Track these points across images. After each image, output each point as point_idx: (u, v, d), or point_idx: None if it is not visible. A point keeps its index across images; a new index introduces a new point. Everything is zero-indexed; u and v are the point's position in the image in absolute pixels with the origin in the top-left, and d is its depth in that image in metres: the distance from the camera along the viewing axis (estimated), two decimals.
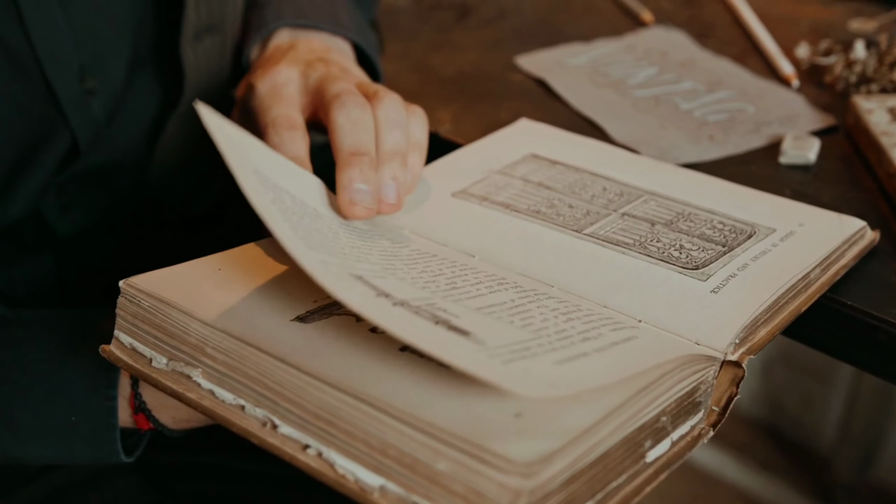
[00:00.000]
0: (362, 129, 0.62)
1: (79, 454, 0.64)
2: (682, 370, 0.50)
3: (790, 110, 0.85)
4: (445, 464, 0.43)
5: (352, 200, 0.60)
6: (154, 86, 0.83)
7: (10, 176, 0.73)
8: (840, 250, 0.63)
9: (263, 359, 0.50)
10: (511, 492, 0.42)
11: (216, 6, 0.82)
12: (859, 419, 1.70)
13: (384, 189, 0.62)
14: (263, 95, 0.67)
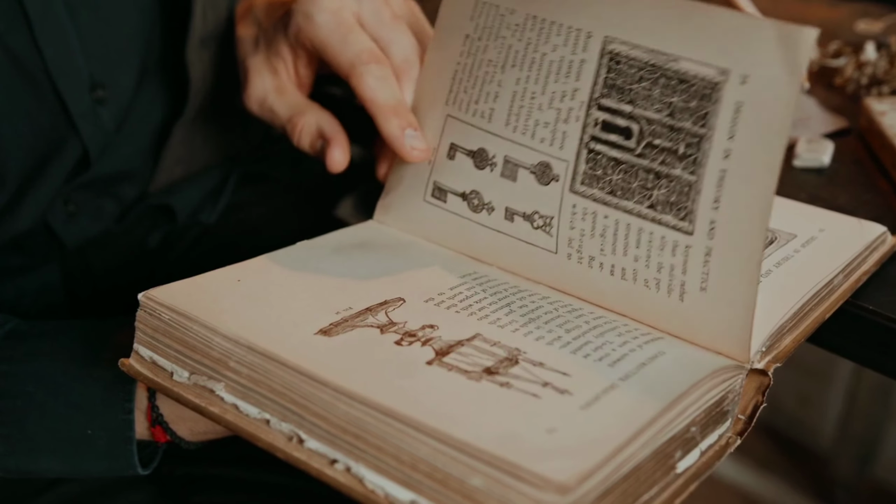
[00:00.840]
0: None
1: (94, 467, 0.63)
2: (710, 380, 0.50)
3: (801, 113, 0.85)
4: (479, 479, 0.43)
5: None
6: (160, 94, 0.83)
7: (21, 187, 0.73)
8: (862, 256, 0.63)
9: (289, 373, 0.49)
10: None
11: (223, 12, 0.81)
12: (858, 418, 1.70)
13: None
14: (326, 26, 0.65)
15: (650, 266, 0.56)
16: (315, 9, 0.65)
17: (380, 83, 0.62)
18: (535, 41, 0.60)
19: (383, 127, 0.62)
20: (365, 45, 0.63)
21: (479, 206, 0.63)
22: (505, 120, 0.62)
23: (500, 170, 0.62)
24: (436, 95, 0.65)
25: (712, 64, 0.52)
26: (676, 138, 0.54)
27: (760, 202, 0.51)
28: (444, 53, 0.66)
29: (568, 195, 0.59)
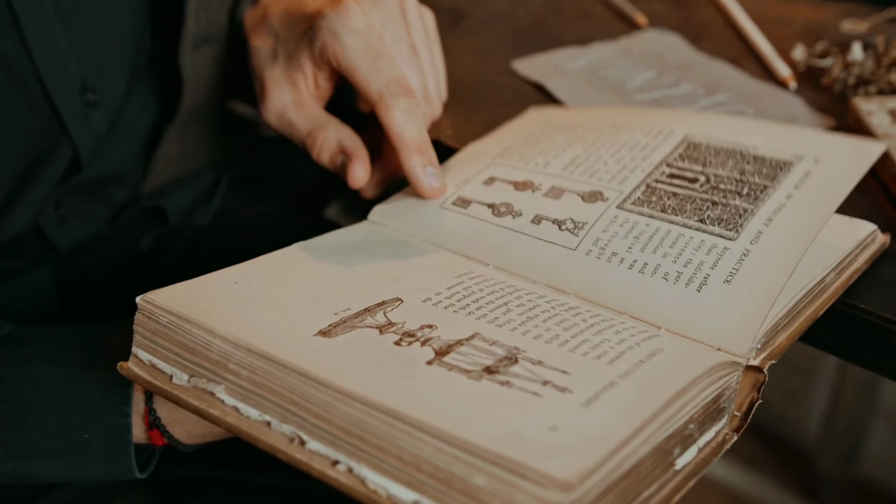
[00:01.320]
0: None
1: (92, 471, 0.63)
2: (708, 376, 0.51)
3: (790, 112, 0.85)
4: (483, 479, 0.43)
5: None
6: (152, 96, 0.83)
7: (13, 190, 0.73)
8: (853, 254, 0.63)
9: (290, 374, 0.49)
10: None
11: (216, 15, 0.81)
12: (843, 414, 1.71)
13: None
14: (355, 49, 0.66)
15: (677, 262, 0.58)
16: (343, 28, 0.65)
17: (407, 118, 0.64)
18: (612, 137, 0.70)
19: (406, 162, 0.64)
20: (394, 75, 0.65)
21: (506, 213, 0.65)
22: (562, 167, 0.68)
23: (543, 192, 0.66)
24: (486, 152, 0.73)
25: (789, 152, 0.65)
26: (741, 185, 0.63)
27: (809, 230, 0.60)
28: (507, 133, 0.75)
29: (612, 210, 0.63)
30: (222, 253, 0.87)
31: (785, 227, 0.60)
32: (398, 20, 0.68)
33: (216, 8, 0.81)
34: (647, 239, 0.61)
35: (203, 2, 0.79)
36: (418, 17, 0.71)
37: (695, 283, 0.58)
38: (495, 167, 0.70)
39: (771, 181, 0.63)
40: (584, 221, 0.63)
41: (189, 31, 0.79)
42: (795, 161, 0.65)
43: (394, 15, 0.68)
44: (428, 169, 0.65)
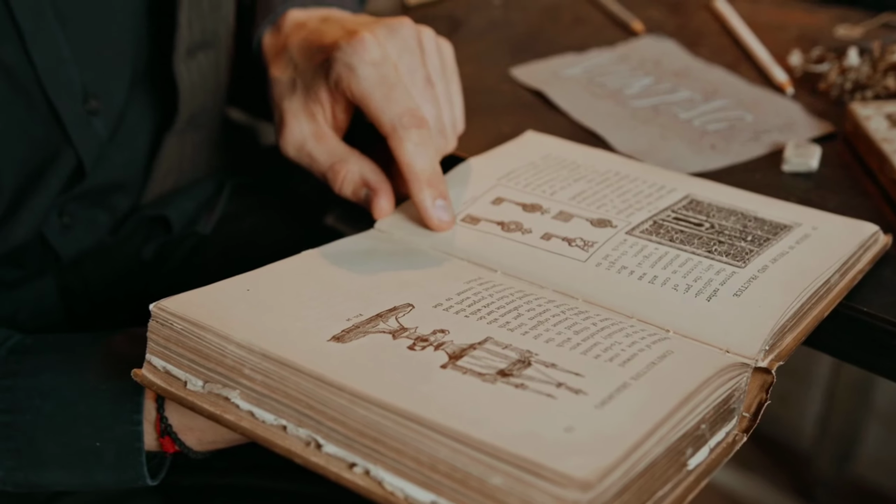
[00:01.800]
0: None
1: (103, 480, 0.63)
2: (718, 377, 0.51)
3: (788, 118, 0.86)
4: (500, 478, 0.44)
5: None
6: (151, 104, 0.83)
7: (16, 199, 0.73)
8: (856, 255, 0.64)
9: (305, 378, 0.50)
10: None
11: (209, 23, 0.82)
12: (837, 416, 1.72)
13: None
14: (370, 80, 0.66)
15: (687, 277, 0.60)
16: (357, 61, 0.66)
17: (418, 150, 0.65)
18: (615, 182, 0.71)
19: (416, 195, 0.65)
20: (407, 106, 0.65)
21: (515, 230, 0.65)
22: (570, 197, 0.69)
23: (552, 215, 0.68)
24: (490, 173, 0.73)
25: (788, 219, 0.67)
26: (745, 234, 0.65)
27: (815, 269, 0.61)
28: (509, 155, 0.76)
29: (621, 234, 0.65)
30: (225, 261, 0.87)
31: (791, 264, 0.62)
32: (414, 51, 0.69)
33: (209, 15, 0.82)
34: (656, 259, 0.62)
35: (196, 9, 0.80)
36: (435, 49, 0.71)
37: (704, 295, 0.58)
38: (502, 188, 0.71)
39: (773, 236, 0.65)
40: (595, 241, 0.64)
41: (182, 38, 0.79)
42: (794, 226, 0.67)
43: (409, 46, 0.68)
44: (437, 202, 0.66)
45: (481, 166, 0.74)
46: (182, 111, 0.81)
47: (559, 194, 0.70)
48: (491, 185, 0.71)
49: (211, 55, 0.83)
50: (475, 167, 0.74)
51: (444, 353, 0.52)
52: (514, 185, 0.71)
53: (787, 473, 1.77)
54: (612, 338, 0.54)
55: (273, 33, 0.77)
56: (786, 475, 1.77)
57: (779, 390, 1.88)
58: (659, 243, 0.63)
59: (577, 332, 0.54)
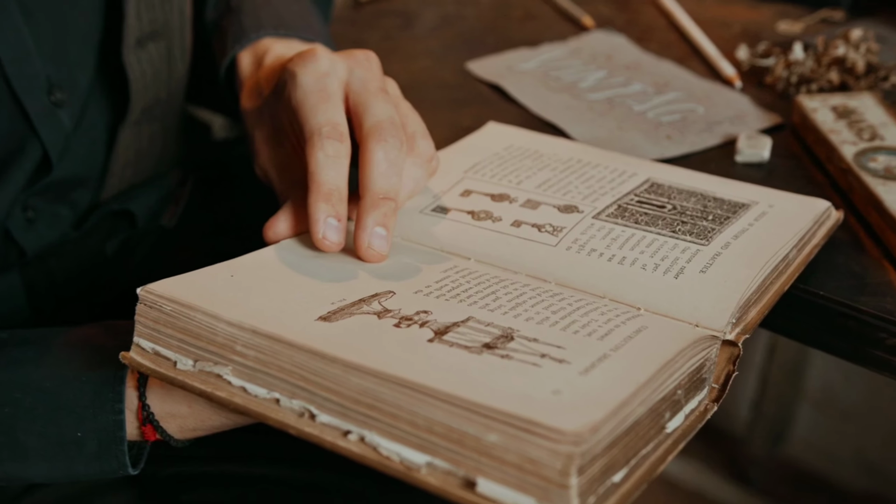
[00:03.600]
0: (396, 173, 0.62)
1: (84, 470, 0.63)
2: (692, 348, 0.54)
3: (737, 110, 0.89)
4: (496, 435, 0.45)
5: (370, 245, 0.61)
6: (109, 96, 0.83)
7: None
8: (812, 230, 0.67)
9: (297, 351, 0.51)
10: (564, 456, 0.44)
11: (159, 13, 0.82)
12: (770, 400, 1.77)
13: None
14: (307, 89, 0.64)
15: (654, 257, 0.62)
16: (301, 69, 0.64)
17: (328, 161, 0.61)
18: (579, 170, 0.73)
19: (311, 205, 0.61)
20: (332, 118, 0.62)
21: (486, 218, 0.67)
22: (536, 186, 0.71)
23: (520, 203, 0.69)
24: (455, 166, 0.74)
25: (745, 198, 0.70)
26: (706, 214, 0.67)
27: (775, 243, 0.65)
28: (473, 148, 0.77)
29: (588, 219, 0.67)
30: (191, 254, 0.88)
31: (752, 240, 0.65)
32: (370, 69, 0.66)
33: (159, 6, 0.82)
34: (623, 240, 0.64)
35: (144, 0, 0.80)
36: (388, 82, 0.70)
37: (672, 273, 0.61)
38: (469, 181, 0.73)
39: (732, 214, 0.68)
40: (563, 226, 0.66)
41: (131, 28, 0.79)
42: (752, 204, 0.69)
43: (365, 65, 0.66)
44: (329, 220, 0.61)
45: (447, 160, 0.76)
46: (134, 102, 0.81)
47: (525, 183, 0.72)
48: (458, 179, 0.73)
49: (162, 46, 0.83)
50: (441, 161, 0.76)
51: (429, 329, 0.53)
52: (481, 177, 0.73)
53: (722, 456, 1.82)
54: (588, 316, 0.56)
55: (249, 61, 0.78)
56: (720, 458, 1.81)
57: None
58: (625, 226, 0.66)
59: (555, 312, 0.57)
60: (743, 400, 1.81)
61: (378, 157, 0.61)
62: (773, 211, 0.69)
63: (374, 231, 0.61)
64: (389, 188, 0.62)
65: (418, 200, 0.70)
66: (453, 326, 0.54)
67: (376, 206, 0.61)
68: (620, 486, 0.48)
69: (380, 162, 0.61)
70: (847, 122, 0.81)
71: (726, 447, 1.83)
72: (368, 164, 0.61)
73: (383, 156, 0.61)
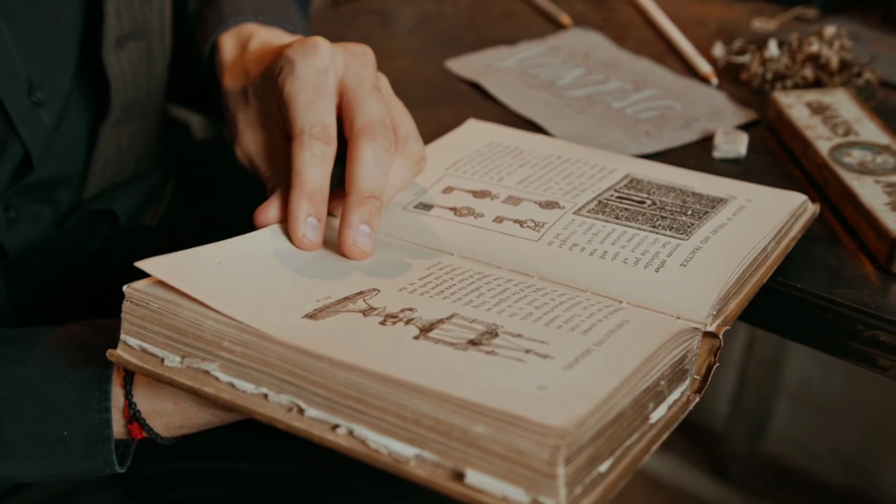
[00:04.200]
0: (383, 172, 0.63)
1: (71, 468, 0.64)
2: (674, 340, 0.55)
3: (714, 106, 0.90)
4: (483, 427, 0.46)
5: (354, 243, 0.62)
6: (89, 95, 0.83)
7: None
8: (789, 223, 0.68)
9: (285, 347, 0.51)
10: (551, 447, 0.45)
11: (139, 13, 0.82)
12: (749, 395, 1.79)
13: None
14: (304, 83, 0.64)
15: (635, 251, 0.63)
16: (302, 59, 0.64)
17: (314, 162, 0.62)
18: (559, 166, 0.74)
19: (292, 202, 0.62)
20: (323, 119, 0.63)
21: (468, 214, 0.68)
22: (516, 182, 0.72)
23: (501, 200, 0.70)
24: (437, 163, 0.74)
25: (723, 192, 0.71)
26: (685, 209, 0.68)
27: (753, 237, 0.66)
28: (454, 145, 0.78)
29: (569, 215, 0.67)
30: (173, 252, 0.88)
31: (731, 234, 0.66)
32: (366, 65, 0.67)
33: (138, 5, 0.82)
34: (605, 235, 0.65)
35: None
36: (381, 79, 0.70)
37: (653, 266, 0.62)
38: (450, 177, 0.73)
39: (711, 209, 0.69)
40: (545, 222, 0.67)
41: (110, 28, 0.79)
42: (730, 199, 0.70)
43: (361, 61, 0.67)
44: (310, 219, 0.62)
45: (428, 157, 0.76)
46: (114, 102, 0.82)
47: (506, 180, 0.72)
48: (440, 176, 0.73)
49: (142, 45, 0.84)
50: None
51: (414, 327, 0.54)
52: (462, 174, 0.73)
53: (702, 451, 1.83)
54: (572, 311, 0.57)
55: (232, 43, 0.78)
56: (700, 453, 1.83)
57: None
58: (606, 221, 0.66)
59: (538, 308, 0.57)
60: (722, 395, 1.83)
61: (367, 157, 0.62)
62: (750, 205, 0.70)
63: (359, 228, 0.62)
64: (376, 187, 0.62)
65: (401, 197, 0.70)
66: (438, 323, 0.54)
67: (362, 204, 0.62)
68: (606, 476, 0.49)
69: (368, 161, 0.62)
70: (822, 118, 0.82)
71: (706, 443, 1.84)
72: (357, 162, 0.62)
73: (372, 155, 0.62)
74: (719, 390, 1.83)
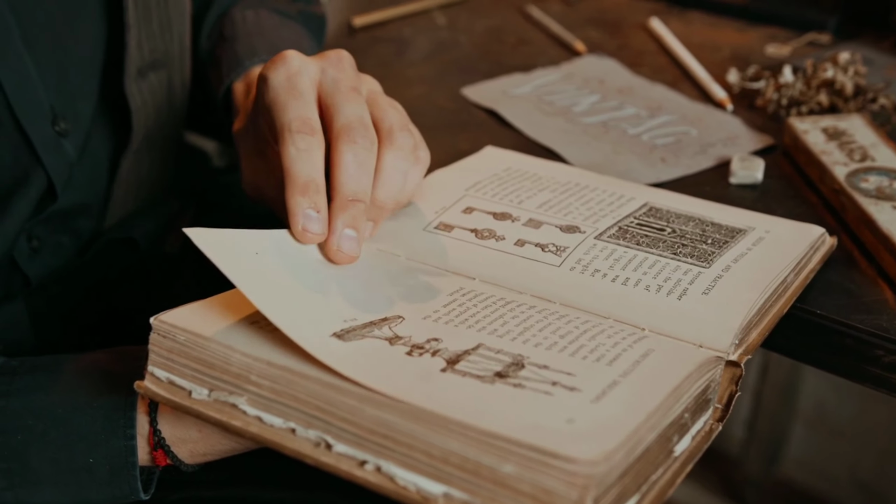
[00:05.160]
0: (365, 173, 0.62)
1: (96, 496, 0.64)
2: (698, 370, 0.55)
3: (730, 132, 0.91)
4: (511, 466, 0.46)
5: (339, 248, 0.62)
6: (110, 124, 0.84)
7: None
8: (807, 255, 0.69)
9: (313, 381, 0.51)
10: (579, 487, 0.45)
11: (160, 43, 0.83)
12: (764, 419, 1.79)
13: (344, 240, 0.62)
14: (278, 88, 0.64)
15: (657, 278, 0.63)
16: (273, 72, 0.64)
17: (300, 155, 0.61)
18: (577, 192, 0.75)
19: (288, 199, 0.61)
20: (302, 114, 0.62)
21: (489, 237, 0.68)
22: (537, 206, 0.72)
23: (522, 222, 0.70)
24: (456, 184, 0.75)
25: (742, 223, 0.72)
26: (705, 237, 0.69)
27: (775, 266, 0.66)
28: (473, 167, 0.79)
29: (591, 240, 0.68)
30: (194, 279, 0.89)
31: (751, 264, 0.66)
32: (343, 69, 0.66)
33: (159, 35, 0.83)
34: (626, 261, 0.65)
35: (145, 30, 0.81)
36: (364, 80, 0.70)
37: (675, 294, 0.62)
38: (470, 198, 0.73)
39: (731, 238, 0.69)
40: (566, 246, 0.67)
41: (132, 59, 0.80)
42: (748, 229, 0.71)
43: (337, 65, 0.66)
44: (308, 211, 0.60)
45: (447, 178, 0.77)
46: (136, 131, 0.83)
47: (526, 203, 0.73)
48: (460, 196, 0.74)
49: (163, 75, 0.85)
50: (441, 179, 0.77)
51: (441, 359, 0.54)
52: (483, 195, 0.74)
53: (718, 475, 1.83)
54: (596, 339, 0.57)
55: (242, 88, 0.79)
56: (716, 477, 1.82)
57: None
58: (627, 247, 0.67)
59: (563, 336, 0.58)
60: (737, 420, 1.82)
61: (347, 160, 0.61)
62: (769, 236, 0.70)
63: (343, 233, 0.61)
64: (359, 190, 0.62)
65: (421, 218, 0.71)
66: (464, 355, 0.54)
67: (345, 209, 0.61)
68: None
69: (349, 164, 0.61)
70: (838, 144, 0.83)
71: (722, 467, 1.84)
72: (338, 166, 0.61)
73: (352, 158, 0.61)
74: (734, 414, 1.82)
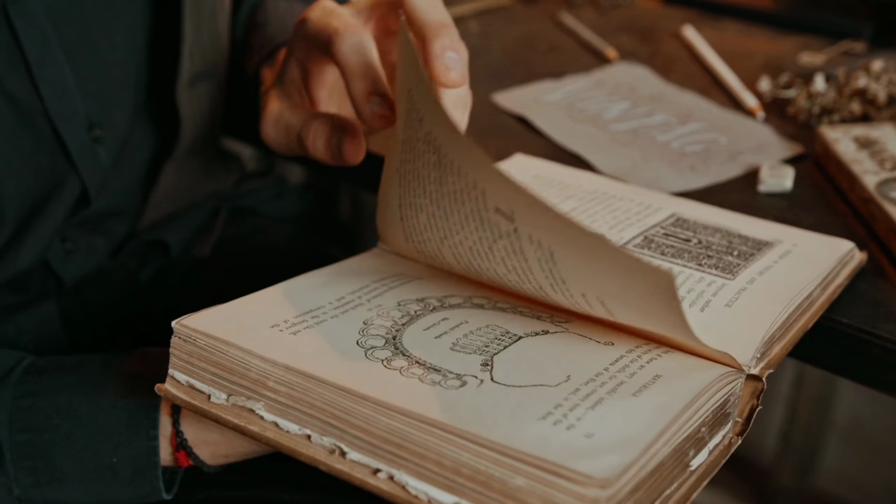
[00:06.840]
0: (442, 6, 0.61)
1: (120, 495, 0.65)
2: (716, 384, 0.55)
3: (760, 140, 0.90)
4: (522, 480, 0.46)
5: (447, 66, 0.59)
6: (151, 132, 0.85)
7: (21, 227, 0.75)
8: (835, 270, 0.68)
9: (329, 389, 0.52)
10: (590, 501, 0.45)
11: (209, 54, 0.84)
12: (798, 431, 1.77)
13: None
14: (319, 15, 0.63)
15: (680, 288, 0.62)
16: (310, 11, 0.65)
17: (352, 49, 0.60)
18: (604, 201, 0.76)
19: (350, 90, 0.61)
20: (345, 21, 0.62)
21: None
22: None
23: None
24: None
25: (769, 236, 0.71)
26: (731, 249, 0.68)
27: (800, 281, 0.65)
28: None
29: None
30: (224, 284, 0.89)
31: (777, 277, 0.66)
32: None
33: (209, 47, 0.84)
34: None
35: (197, 41, 0.82)
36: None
37: (697, 305, 0.62)
38: None
39: (757, 251, 0.69)
40: None
41: (185, 68, 0.81)
42: (776, 242, 0.70)
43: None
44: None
45: None
46: (183, 139, 0.84)
47: None
48: None
49: (211, 84, 0.86)
50: None
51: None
52: None
53: (751, 487, 1.81)
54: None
55: (271, 74, 0.79)
56: (749, 489, 1.81)
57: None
58: (651, 257, 0.67)
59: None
60: (771, 431, 1.81)
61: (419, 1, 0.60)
62: (797, 250, 0.69)
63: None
64: (444, 17, 0.60)
65: None
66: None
67: (438, 35, 0.59)
68: None
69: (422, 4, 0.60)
70: (869, 153, 0.82)
71: (754, 478, 1.82)
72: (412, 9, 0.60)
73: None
74: (768, 426, 1.81)
